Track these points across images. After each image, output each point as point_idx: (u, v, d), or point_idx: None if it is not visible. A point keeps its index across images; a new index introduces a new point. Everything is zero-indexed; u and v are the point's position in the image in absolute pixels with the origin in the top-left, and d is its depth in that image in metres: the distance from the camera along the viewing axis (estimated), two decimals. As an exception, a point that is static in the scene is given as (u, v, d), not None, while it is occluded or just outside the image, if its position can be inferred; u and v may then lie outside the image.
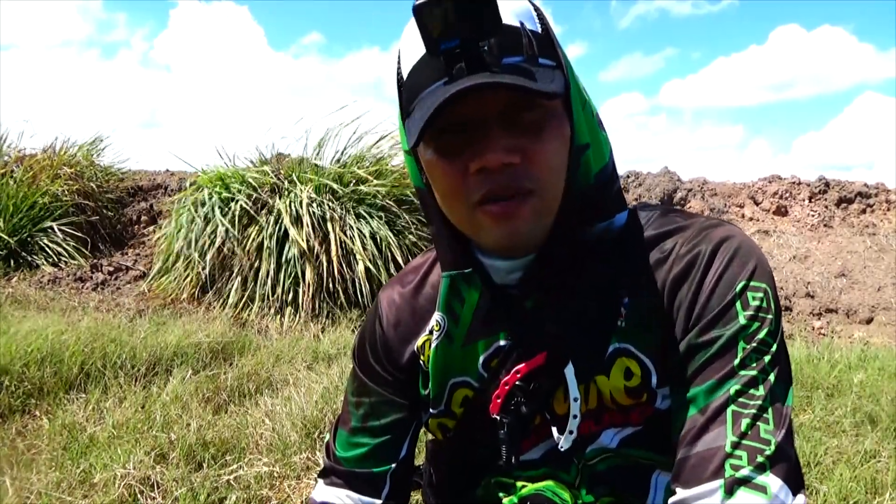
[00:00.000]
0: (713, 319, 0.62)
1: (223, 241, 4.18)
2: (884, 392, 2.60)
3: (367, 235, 4.08)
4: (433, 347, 0.73)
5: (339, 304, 3.95)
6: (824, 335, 4.32)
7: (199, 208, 4.41)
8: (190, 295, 4.22)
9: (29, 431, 2.18)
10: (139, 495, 1.72)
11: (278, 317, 3.90)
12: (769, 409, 0.58)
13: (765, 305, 0.61)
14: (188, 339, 3.05)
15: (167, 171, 7.04)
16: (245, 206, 4.28)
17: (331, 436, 0.84)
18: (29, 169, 5.57)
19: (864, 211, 6.22)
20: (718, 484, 0.56)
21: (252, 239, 4.13)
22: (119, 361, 2.69)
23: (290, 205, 4.15)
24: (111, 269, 4.88)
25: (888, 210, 6.18)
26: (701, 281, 0.63)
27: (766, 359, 0.60)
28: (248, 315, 3.92)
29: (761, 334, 0.60)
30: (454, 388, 0.74)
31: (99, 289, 4.56)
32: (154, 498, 1.72)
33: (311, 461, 1.95)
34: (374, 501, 0.79)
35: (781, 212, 6.26)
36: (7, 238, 4.98)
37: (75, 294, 4.38)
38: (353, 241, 4.03)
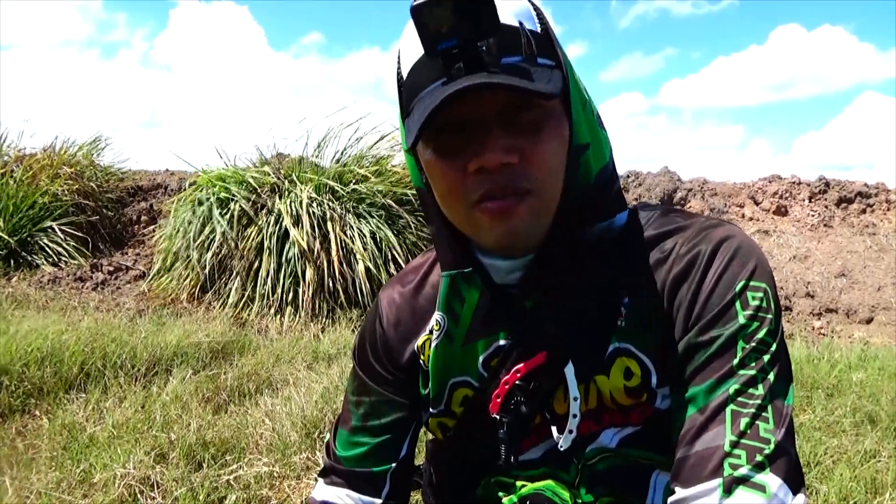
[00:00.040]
0: (713, 319, 0.62)
1: (222, 241, 4.18)
2: (884, 392, 2.60)
3: (368, 235, 4.08)
4: (433, 347, 0.73)
5: (339, 303, 3.95)
6: (824, 335, 4.32)
7: (198, 208, 4.41)
8: (190, 295, 4.22)
9: (29, 431, 2.18)
10: (139, 495, 1.72)
11: (278, 316, 3.90)
12: (768, 408, 0.58)
13: (764, 305, 0.61)
14: (188, 339, 3.05)
15: (167, 170, 7.05)
16: (244, 206, 4.27)
17: (331, 435, 0.84)
18: (29, 168, 5.57)
19: (864, 211, 6.23)
20: (717, 483, 0.56)
21: (252, 238, 4.13)
22: (119, 361, 2.69)
23: (290, 205, 4.15)
24: (111, 268, 4.88)
25: (888, 210, 6.18)
26: (701, 280, 0.63)
27: (766, 358, 0.60)
28: (248, 315, 3.92)
29: (761, 334, 0.60)
30: (454, 388, 0.74)
31: (99, 289, 4.56)
32: (154, 498, 1.72)
33: (311, 461, 1.95)
34: (374, 501, 0.79)
35: (781, 212, 6.26)
36: (7, 238, 4.98)
37: (75, 294, 4.38)
38: (353, 241, 4.04)
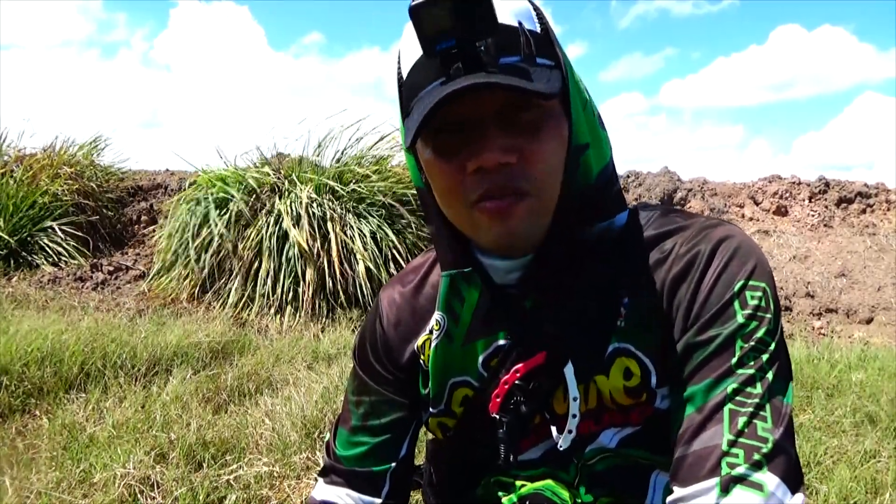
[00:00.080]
0: (711, 318, 0.62)
1: (221, 241, 4.18)
2: (884, 392, 2.60)
3: (368, 235, 4.08)
4: (433, 347, 0.73)
5: (339, 303, 3.95)
6: (824, 335, 4.32)
7: (196, 209, 4.41)
8: (190, 295, 4.22)
9: (29, 431, 2.18)
10: (139, 495, 1.72)
11: (278, 316, 3.90)
12: (767, 407, 0.58)
13: (763, 305, 0.61)
14: (188, 339, 3.06)
15: (167, 170, 7.05)
16: (244, 206, 4.27)
17: (331, 435, 0.84)
18: (29, 168, 5.57)
19: (864, 211, 6.23)
20: (714, 482, 0.56)
21: (252, 238, 4.14)
22: (119, 361, 2.69)
23: (290, 205, 4.15)
24: (111, 268, 4.88)
25: (888, 210, 6.18)
26: (700, 280, 0.63)
27: (765, 357, 0.60)
28: (248, 315, 3.92)
29: (759, 333, 0.60)
30: (454, 388, 0.74)
31: (99, 288, 4.57)
32: (154, 498, 1.72)
33: (311, 461, 1.95)
34: (374, 500, 0.79)
35: (781, 212, 6.26)
36: (7, 238, 4.98)
37: (75, 294, 4.38)
38: (353, 241, 4.04)
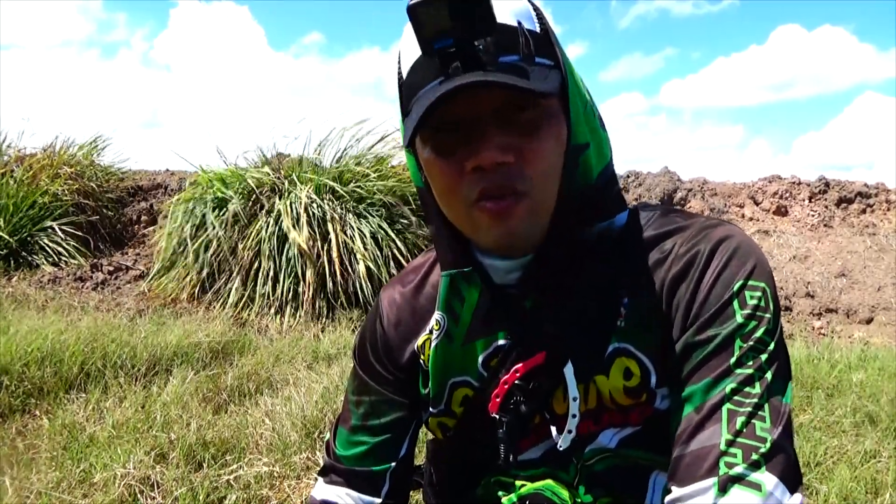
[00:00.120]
0: (710, 318, 0.62)
1: (220, 241, 4.18)
2: (884, 392, 2.60)
3: (368, 235, 4.08)
4: (433, 346, 0.73)
5: (339, 303, 3.95)
6: (824, 335, 4.32)
7: (197, 208, 4.41)
8: (190, 295, 4.22)
9: (29, 431, 2.18)
10: (139, 495, 1.72)
11: (278, 316, 3.90)
12: (765, 407, 0.58)
13: (763, 304, 0.61)
14: (188, 339, 3.06)
15: (167, 170, 7.05)
16: (244, 206, 4.27)
17: (331, 434, 0.84)
18: (29, 168, 5.57)
19: (864, 211, 6.23)
20: (712, 482, 0.56)
21: (252, 238, 4.14)
22: (119, 361, 2.69)
23: (289, 205, 4.15)
24: (111, 268, 4.88)
25: (888, 210, 6.18)
26: (699, 280, 0.63)
27: (763, 357, 0.60)
28: (248, 315, 3.92)
29: (758, 333, 0.60)
30: (454, 388, 0.74)
31: (99, 288, 4.57)
32: (154, 498, 1.72)
33: (311, 461, 1.95)
34: (374, 500, 0.79)
35: (781, 212, 6.26)
36: (7, 237, 4.98)
37: (75, 294, 4.38)
38: (353, 241, 4.03)
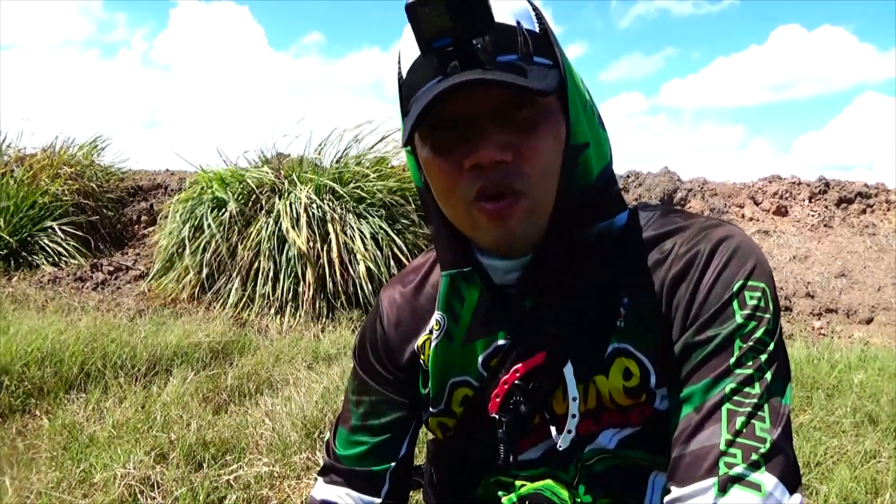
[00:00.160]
0: (710, 318, 0.61)
1: (220, 241, 4.18)
2: (884, 392, 2.60)
3: (368, 235, 4.08)
4: (433, 346, 0.73)
5: (339, 303, 3.95)
6: (824, 335, 4.32)
7: (197, 209, 4.41)
8: (190, 295, 4.22)
9: (29, 431, 2.18)
10: (139, 495, 1.72)
11: (278, 317, 3.90)
12: (765, 407, 0.58)
13: (762, 305, 0.61)
14: (188, 339, 3.06)
15: (167, 170, 7.05)
16: (243, 206, 4.27)
17: (331, 434, 0.84)
18: (29, 168, 5.57)
19: (864, 211, 6.23)
20: (712, 482, 0.56)
21: (252, 239, 4.14)
22: (119, 361, 2.69)
23: (289, 205, 4.15)
24: (111, 268, 4.88)
25: (888, 210, 6.18)
26: (699, 280, 0.63)
27: (763, 357, 0.60)
28: (248, 315, 3.92)
29: (758, 333, 0.60)
30: (454, 388, 0.74)
31: (99, 289, 4.57)
32: (154, 498, 1.72)
33: (311, 461, 1.95)
34: (374, 500, 0.79)
35: (781, 212, 6.26)
36: (7, 238, 4.98)
37: (75, 294, 4.38)
38: (353, 241, 4.03)
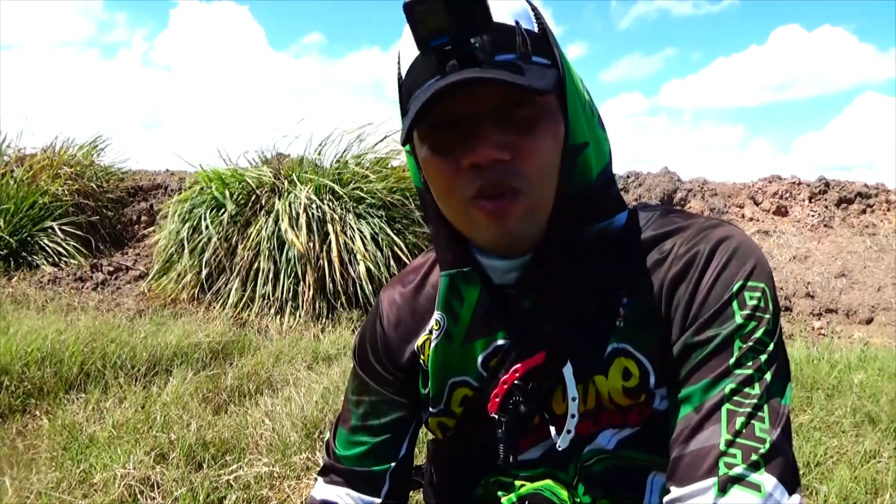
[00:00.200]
0: (710, 318, 0.61)
1: (219, 241, 4.18)
2: (884, 392, 2.60)
3: (368, 236, 4.08)
4: (433, 346, 0.73)
5: (339, 303, 3.95)
6: (824, 335, 4.32)
7: (196, 208, 4.41)
8: (190, 295, 4.23)
9: (29, 431, 2.18)
10: (139, 495, 1.72)
11: (278, 317, 3.90)
12: (765, 408, 0.58)
13: (762, 305, 0.61)
14: (188, 339, 3.06)
15: (167, 170, 7.05)
16: (243, 206, 4.27)
17: (331, 434, 0.84)
18: (29, 169, 5.57)
19: (864, 211, 6.23)
20: (712, 482, 0.56)
21: (251, 239, 4.14)
22: (119, 361, 2.69)
23: (289, 206, 4.15)
24: (111, 269, 4.88)
25: (888, 210, 6.18)
26: (698, 280, 0.63)
27: (763, 358, 0.60)
28: (248, 315, 3.92)
29: (758, 333, 0.60)
30: (454, 388, 0.74)
31: (99, 289, 4.57)
32: (154, 498, 1.72)
33: (311, 461, 1.95)
34: (374, 500, 0.79)
35: (781, 212, 6.26)
36: (7, 238, 4.98)
37: (75, 294, 4.38)
38: (353, 241, 4.04)
